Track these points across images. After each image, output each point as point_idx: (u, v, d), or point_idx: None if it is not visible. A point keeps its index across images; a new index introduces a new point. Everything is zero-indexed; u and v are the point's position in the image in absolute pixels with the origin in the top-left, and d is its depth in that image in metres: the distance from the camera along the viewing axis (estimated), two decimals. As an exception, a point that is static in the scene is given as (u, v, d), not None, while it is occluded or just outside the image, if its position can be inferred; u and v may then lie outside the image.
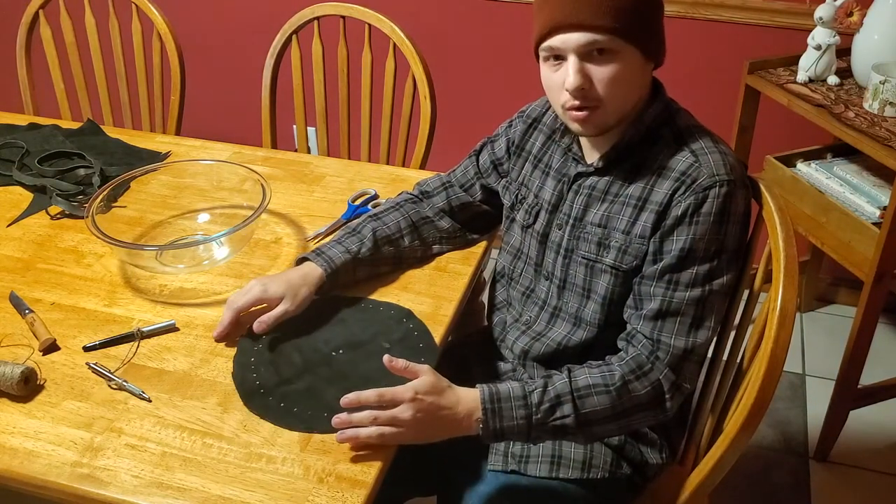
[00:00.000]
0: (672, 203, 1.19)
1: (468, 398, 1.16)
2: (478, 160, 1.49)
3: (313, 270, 1.36)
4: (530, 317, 1.39)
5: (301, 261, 1.41)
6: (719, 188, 1.17)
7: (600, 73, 1.17)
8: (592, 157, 1.29)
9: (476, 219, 1.53)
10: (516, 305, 1.42)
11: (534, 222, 1.36)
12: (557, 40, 1.17)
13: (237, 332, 1.32)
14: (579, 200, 1.29)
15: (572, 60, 1.17)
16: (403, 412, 1.13)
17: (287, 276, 1.35)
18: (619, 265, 1.25)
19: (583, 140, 1.30)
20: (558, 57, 1.19)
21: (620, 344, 1.26)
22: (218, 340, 1.32)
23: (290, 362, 1.27)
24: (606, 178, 1.27)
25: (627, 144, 1.25)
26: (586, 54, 1.17)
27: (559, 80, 1.20)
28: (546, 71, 1.22)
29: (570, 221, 1.30)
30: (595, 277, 1.28)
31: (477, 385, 1.17)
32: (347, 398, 1.14)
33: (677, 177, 1.19)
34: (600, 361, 1.22)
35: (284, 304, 1.32)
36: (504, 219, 1.45)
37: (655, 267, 1.21)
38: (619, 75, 1.17)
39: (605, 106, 1.20)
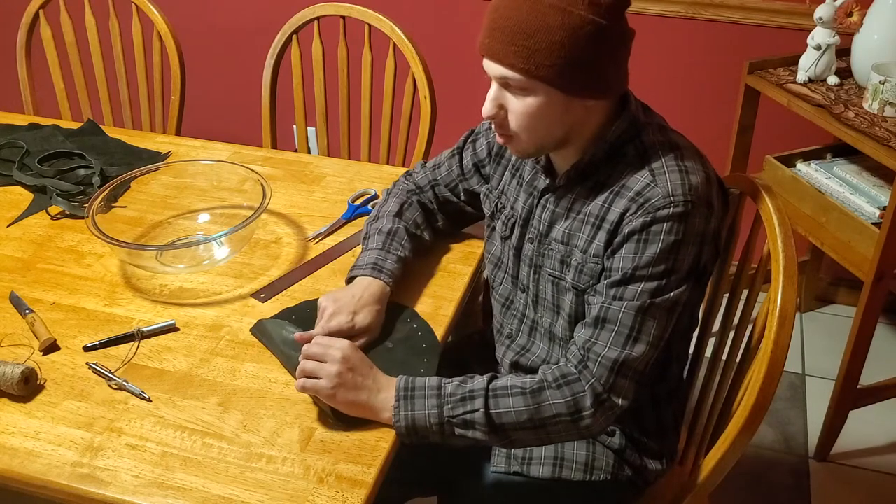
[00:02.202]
0: (623, 222, 1.16)
1: (389, 386, 1.18)
2: (461, 161, 1.45)
3: (383, 290, 1.34)
4: (511, 330, 1.38)
5: (354, 277, 1.37)
6: (672, 209, 1.12)
7: (514, 105, 1.15)
8: (558, 171, 1.26)
9: (457, 215, 1.51)
10: (497, 316, 1.42)
11: (510, 234, 1.34)
12: (484, 63, 1.16)
13: None
14: (545, 216, 1.27)
15: (493, 87, 1.17)
16: (330, 367, 1.16)
17: (368, 304, 1.30)
18: (578, 284, 1.23)
19: (550, 154, 1.27)
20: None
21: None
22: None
23: (296, 362, 1.27)
24: (569, 195, 1.24)
25: (589, 163, 1.20)
26: (505, 85, 1.15)
27: None
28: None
29: (538, 237, 1.28)
30: (561, 294, 1.27)
31: (398, 376, 1.20)
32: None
33: (632, 196, 1.15)
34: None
35: (371, 335, 1.31)
36: (486, 227, 1.43)
37: (604, 282, 1.18)
38: (532, 112, 1.14)
39: (519, 137, 1.18)
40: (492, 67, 1.14)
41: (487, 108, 1.17)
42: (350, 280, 1.37)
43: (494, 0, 1.13)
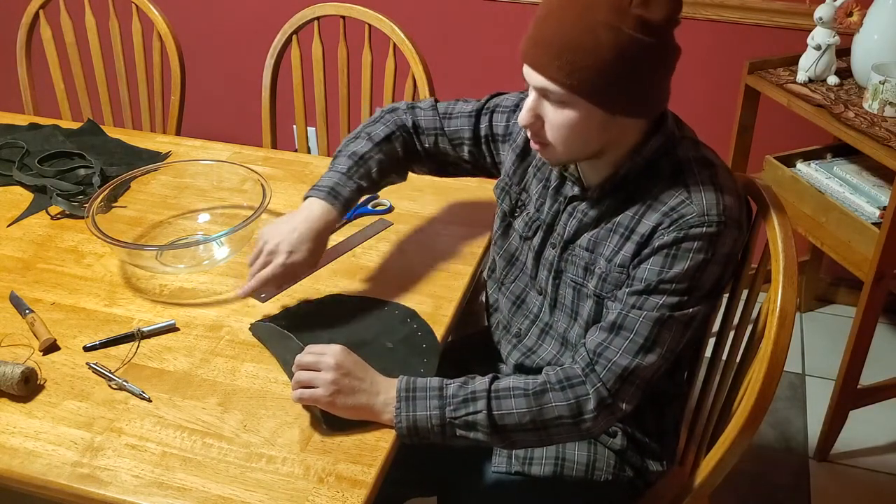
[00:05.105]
0: (654, 235, 1.15)
1: (389, 387, 1.18)
2: (477, 124, 1.42)
3: (330, 214, 1.33)
4: (520, 329, 1.38)
5: (309, 196, 1.36)
6: (706, 228, 1.12)
7: (553, 116, 1.14)
8: (588, 181, 1.25)
9: (448, 167, 1.48)
10: (505, 313, 1.41)
11: (532, 236, 1.33)
12: (525, 70, 1.14)
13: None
14: (572, 223, 1.26)
15: (532, 95, 1.15)
16: (324, 375, 1.16)
17: (306, 240, 1.30)
18: (600, 293, 1.22)
19: (578, 164, 1.26)
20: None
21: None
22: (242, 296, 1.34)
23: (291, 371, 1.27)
24: (600, 205, 1.23)
25: (624, 177, 1.19)
26: (544, 95, 1.13)
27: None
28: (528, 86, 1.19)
29: (562, 243, 1.27)
30: (581, 301, 1.26)
31: (399, 376, 1.19)
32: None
33: (666, 211, 1.14)
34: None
35: (306, 272, 1.32)
36: (499, 221, 1.42)
37: (625, 290, 1.18)
38: (570, 125, 1.12)
39: (554, 147, 1.17)
40: (533, 77, 1.12)
41: (524, 118, 1.16)
42: (305, 199, 1.36)
43: (542, 8, 1.11)
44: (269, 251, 1.30)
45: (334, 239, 1.58)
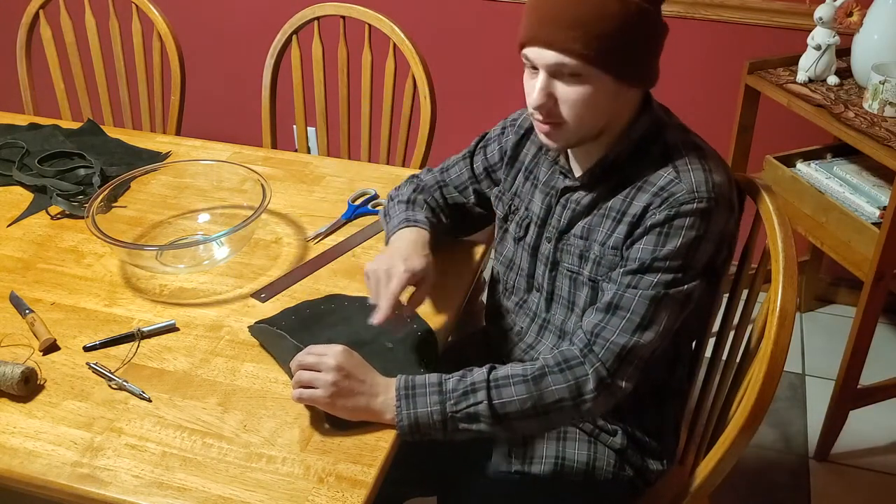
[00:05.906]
0: (646, 215, 1.17)
1: (388, 387, 1.18)
2: (472, 164, 1.46)
3: (421, 233, 1.33)
4: (521, 328, 1.38)
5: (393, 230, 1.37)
6: (696, 204, 1.14)
7: (566, 93, 1.15)
8: (579, 170, 1.27)
9: (467, 219, 1.50)
10: (506, 317, 1.41)
11: (525, 235, 1.35)
12: (532, 52, 1.16)
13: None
14: (566, 214, 1.27)
15: (541, 76, 1.16)
16: (325, 377, 1.15)
17: (414, 250, 1.29)
18: (595, 276, 1.24)
19: (570, 153, 1.28)
20: (534, 66, 1.17)
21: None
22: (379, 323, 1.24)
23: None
24: (592, 193, 1.25)
25: (613, 161, 1.22)
26: (556, 72, 1.15)
27: (531, 90, 1.19)
28: (526, 75, 1.20)
29: (556, 234, 1.29)
30: (578, 290, 1.27)
31: (397, 376, 1.19)
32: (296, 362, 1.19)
33: (656, 191, 1.16)
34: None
35: (430, 280, 1.28)
36: (497, 229, 1.44)
37: (619, 270, 1.19)
38: (585, 99, 1.15)
39: (567, 125, 1.18)
40: (544, 55, 1.14)
41: (537, 98, 1.17)
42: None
43: None
44: (386, 271, 1.24)
45: (334, 239, 1.59)
